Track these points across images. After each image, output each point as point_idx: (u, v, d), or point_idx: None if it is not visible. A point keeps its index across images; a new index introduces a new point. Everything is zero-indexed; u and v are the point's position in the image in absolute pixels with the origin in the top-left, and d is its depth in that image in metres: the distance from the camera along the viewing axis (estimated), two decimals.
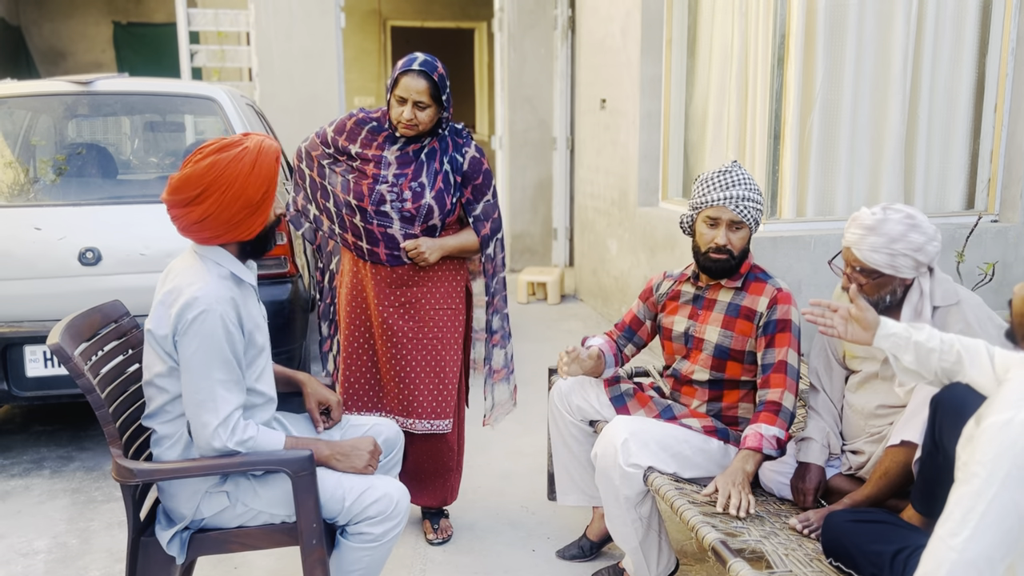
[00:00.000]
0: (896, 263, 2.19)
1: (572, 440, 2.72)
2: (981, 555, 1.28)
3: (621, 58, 5.56)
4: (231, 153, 1.96)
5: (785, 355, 2.41)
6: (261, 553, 2.84)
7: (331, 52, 6.90)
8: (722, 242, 2.44)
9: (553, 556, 2.87)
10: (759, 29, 4.00)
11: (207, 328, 1.92)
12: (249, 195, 1.98)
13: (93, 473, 3.54)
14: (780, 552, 2.02)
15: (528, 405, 4.26)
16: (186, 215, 1.98)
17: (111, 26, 10.09)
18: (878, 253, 2.18)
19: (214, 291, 1.95)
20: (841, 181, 4.05)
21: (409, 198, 2.67)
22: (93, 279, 3.38)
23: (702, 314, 2.55)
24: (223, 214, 1.97)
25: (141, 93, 3.97)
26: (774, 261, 3.80)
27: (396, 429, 2.46)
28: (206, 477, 2.03)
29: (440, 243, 2.73)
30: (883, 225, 2.19)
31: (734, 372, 2.52)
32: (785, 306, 2.44)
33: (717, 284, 2.54)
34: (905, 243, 2.17)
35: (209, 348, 1.92)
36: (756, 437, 2.31)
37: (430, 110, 2.63)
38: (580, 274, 6.78)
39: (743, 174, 2.45)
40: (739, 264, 2.50)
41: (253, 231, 2.04)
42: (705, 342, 2.53)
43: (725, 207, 2.42)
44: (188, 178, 1.95)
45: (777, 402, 2.37)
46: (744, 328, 2.48)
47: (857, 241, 2.22)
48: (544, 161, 7.51)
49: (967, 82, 4.15)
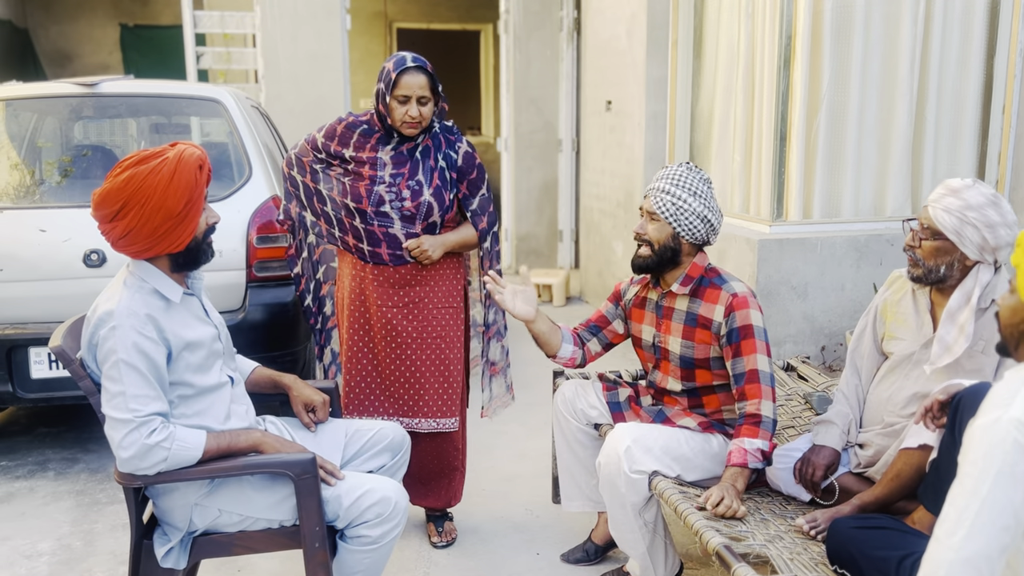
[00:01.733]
0: (963, 232, 2.15)
1: (577, 444, 2.71)
2: (979, 553, 1.28)
3: (627, 59, 5.55)
4: (149, 165, 1.94)
5: (755, 362, 2.36)
6: (264, 555, 2.84)
7: (337, 54, 6.90)
8: (638, 229, 2.46)
9: (558, 560, 2.86)
10: (765, 30, 3.99)
11: (116, 343, 1.89)
12: (169, 206, 1.95)
13: (97, 475, 3.54)
14: (785, 556, 2.00)
15: (532, 408, 4.25)
16: (111, 230, 1.97)
17: (118, 28, 10.11)
18: (950, 215, 2.15)
19: (126, 306, 1.92)
20: (848, 183, 4.03)
21: (408, 197, 2.68)
22: (98, 281, 3.37)
23: (663, 323, 2.53)
24: (145, 227, 1.95)
25: (146, 95, 3.97)
26: (780, 263, 3.79)
27: (401, 432, 2.45)
28: (195, 488, 2.02)
29: (442, 240, 2.74)
30: (966, 191, 2.16)
31: (705, 379, 2.49)
32: (743, 311, 2.37)
33: (671, 292, 2.50)
34: (979, 214, 2.13)
35: (117, 363, 1.89)
36: (740, 453, 2.28)
37: (431, 104, 2.67)
38: (586, 276, 6.76)
39: (679, 172, 2.41)
40: (659, 262, 2.44)
41: (181, 243, 2.01)
42: (670, 353, 2.51)
43: (648, 197, 2.44)
44: (108, 193, 1.94)
45: (756, 413, 2.32)
46: (704, 337, 2.44)
47: (936, 199, 2.20)
48: (550, 163, 7.49)
49: (975, 83, 4.13)
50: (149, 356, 1.91)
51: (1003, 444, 1.27)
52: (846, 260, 3.87)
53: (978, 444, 1.31)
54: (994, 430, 1.29)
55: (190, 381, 2.02)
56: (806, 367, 3.28)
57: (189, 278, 2.12)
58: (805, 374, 3.23)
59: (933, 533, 1.34)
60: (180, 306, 2.05)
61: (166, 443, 1.90)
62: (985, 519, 1.28)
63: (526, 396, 4.41)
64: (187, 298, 2.09)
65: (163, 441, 1.90)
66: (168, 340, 1.97)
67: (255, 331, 3.48)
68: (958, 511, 1.30)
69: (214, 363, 2.09)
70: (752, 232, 3.93)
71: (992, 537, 1.28)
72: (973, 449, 1.31)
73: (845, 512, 2.15)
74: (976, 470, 1.29)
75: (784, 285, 3.81)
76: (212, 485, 2.03)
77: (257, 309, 3.52)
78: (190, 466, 1.95)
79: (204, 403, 2.05)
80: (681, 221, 2.39)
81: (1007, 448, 1.27)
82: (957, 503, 1.31)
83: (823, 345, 3.96)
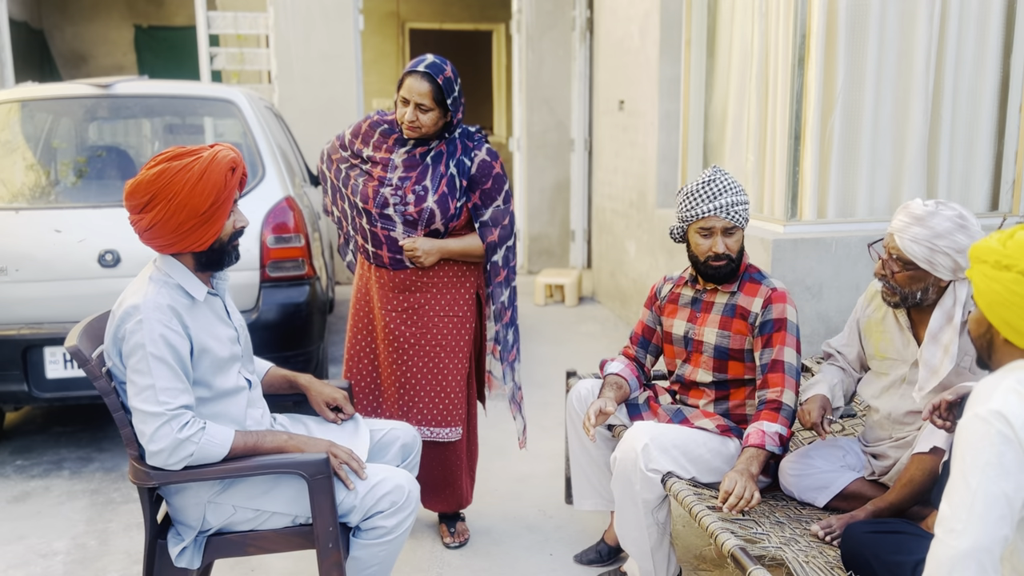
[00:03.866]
0: (934, 260, 2.13)
1: (590, 444, 2.70)
2: (978, 546, 1.31)
3: (640, 59, 5.53)
4: (182, 162, 1.96)
5: (782, 354, 2.40)
6: (278, 555, 2.84)
7: (349, 55, 6.92)
8: (720, 250, 2.44)
9: (571, 561, 2.85)
10: (779, 29, 3.96)
11: (143, 336, 1.89)
12: (195, 205, 1.96)
13: (112, 474, 3.56)
14: (800, 559, 1.99)
15: (545, 408, 4.24)
16: (137, 221, 1.99)
17: (132, 29, 10.17)
18: (919, 245, 2.13)
19: (152, 300, 1.93)
20: (863, 182, 4.00)
21: (412, 202, 2.65)
22: (112, 281, 3.39)
23: (700, 316, 2.55)
24: (170, 222, 1.96)
25: (161, 96, 3.99)
26: (795, 263, 3.76)
27: (413, 434, 2.45)
28: (208, 487, 2.02)
29: (440, 245, 2.70)
30: (931, 218, 2.12)
31: (737, 372, 2.51)
32: (780, 305, 2.43)
33: (717, 288, 2.54)
34: (949, 241, 2.11)
35: (145, 356, 1.89)
36: (759, 434, 2.29)
37: (432, 113, 2.61)
38: (598, 276, 6.75)
39: (727, 180, 2.44)
40: (739, 265, 2.51)
41: (204, 242, 2.01)
42: (704, 344, 2.53)
43: (717, 216, 2.41)
44: (138, 184, 1.96)
45: (777, 400, 2.36)
46: (740, 327, 2.47)
47: (901, 229, 2.17)
48: (562, 162, 7.49)
49: (991, 82, 4.09)
50: (176, 349, 1.92)
51: (987, 437, 1.33)
52: (861, 260, 3.84)
53: (964, 441, 1.36)
54: (977, 425, 1.35)
55: (208, 382, 2.02)
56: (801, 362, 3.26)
57: (214, 278, 2.13)
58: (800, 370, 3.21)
59: (935, 533, 1.37)
60: (203, 305, 2.06)
61: (196, 437, 1.91)
62: (980, 511, 1.32)
63: (539, 396, 4.41)
64: (211, 298, 2.10)
65: (193, 435, 1.90)
66: (191, 336, 1.98)
67: (268, 331, 3.49)
68: (954, 508, 1.34)
69: (232, 366, 2.10)
70: (766, 232, 3.91)
71: (989, 529, 1.31)
72: (960, 446, 1.37)
73: (859, 518, 2.14)
74: (965, 465, 1.34)
75: (798, 285, 3.79)
76: (226, 483, 2.03)
77: (270, 309, 3.53)
78: (214, 464, 1.96)
79: (220, 406, 2.05)
80: (747, 218, 2.48)
81: (992, 440, 1.32)
82: (952, 500, 1.35)
83: None
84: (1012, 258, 1.43)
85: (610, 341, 5.50)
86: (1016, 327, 1.42)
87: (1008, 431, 1.32)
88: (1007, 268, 1.43)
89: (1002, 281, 1.43)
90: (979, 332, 1.53)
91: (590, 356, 5.06)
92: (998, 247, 1.46)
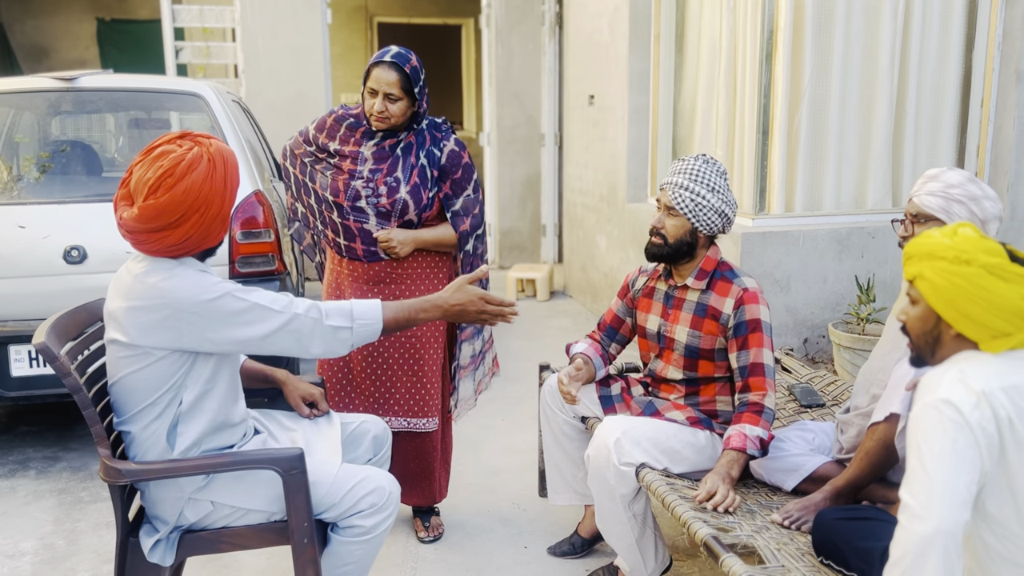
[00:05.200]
0: (950, 209, 2.22)
1: (564, 437, 2.71)
2: (940, 530, 1.34)
3: (609, 53, 5.56)
4: (199, 171, 1.88)
5: (761, 356, 2.40)
6: (251, 552, 2.82)
7: (317, 49, 6.87)
8: (656, 223, 2.47)
9: (545, 553, 2.86)
10: (747, 24, 4.00)
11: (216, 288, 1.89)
12: (226, 210, 1.95)
13: (80, 473, 3.51)
14: (772, 547, 2.02)
15: (519, 402, 4.26)
16: (161, 239, 1.90)
17: (95, 23, 10.00)
18: (934, 197, 2.24)
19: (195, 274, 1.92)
20: (829, 176, 4.06)
21: (384, 193, 2.66)
22: (78, 278, 3.34)
23: (672, 313, 2.56)
24: (201, 232, 1.92)
25: (126, 89, 3.94)
26: (763, 256, 3.81)
27: (383, 427, 2.44)
28: (190, 481, 2.00)
29: (414, 236, 2.71)
30: (943, 174, 2.27)
31: (707, 370, 2.52)
32: (753, 305, 2.41)
33: (686, 286, 2.53)
34: (961, 190, 2.23)
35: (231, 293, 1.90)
36: (740, 437, 2.30)
37: (401, 103, 2.62)
38: (569, 270, 6.77)
39: (695, 166, 2.44)
40: (673, 254, 2.47)
41: (221, 237, 2.01)
42: (676, 342, 2.53)
43: (665, 190, 2.46)
44: (167, 206, 1.86)
45: (760, 403, 2.36)
46: (711, 328, 2.47)
47: (917, 188, 2.30)
48: (532, 157, 7.49)
49: (954, 77, 4.16)
50: None
51: (940, 424, 1.37)
52: (828, 253, 3.90)
53: (918, 430, 1.41)
54: (929, 413, 1.39)
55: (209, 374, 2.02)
56: (790, 359, 3.31)
57: None
58: (789, 366, 3.26)
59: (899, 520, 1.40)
60: None
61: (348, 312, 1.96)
62: (940, 497, 1.35)
63: (511, 390, 4.42)
64: None
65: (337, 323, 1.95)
66: None
67: None
68: (914, 495, 1.38)
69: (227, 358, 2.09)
70: (735, 225, 3.95)
71: (951, 514, 1.35)
72: (915, 435, 1.41)
73: (818, 501, 2.17)
74: (922, 453, 1.38)
75: (767, 278, 3.83)
76: (208, 478, 2.02)
77: None
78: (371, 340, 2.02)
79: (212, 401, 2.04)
80: (699, 216, 2.43)
81: (945, 427, 1.37)
82: (912, 488, 1.39)
83: (806, 337, 3.99)
84: (969, 252, 1.46)
85: (582, 335, 5.52)
86: (976, 319, 1.45)
87: (958, 417, 1.37)
88: (967, 263, 1.46)
89: (965, 276, 1.46)
90: (924, 329, 1.54)
91: (562, 350, 5.08)
92: (949, 243, 1.49)
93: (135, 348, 1.91)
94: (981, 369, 1.42)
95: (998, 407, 1.38)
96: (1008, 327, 1.44)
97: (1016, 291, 1.44)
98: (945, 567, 1.34)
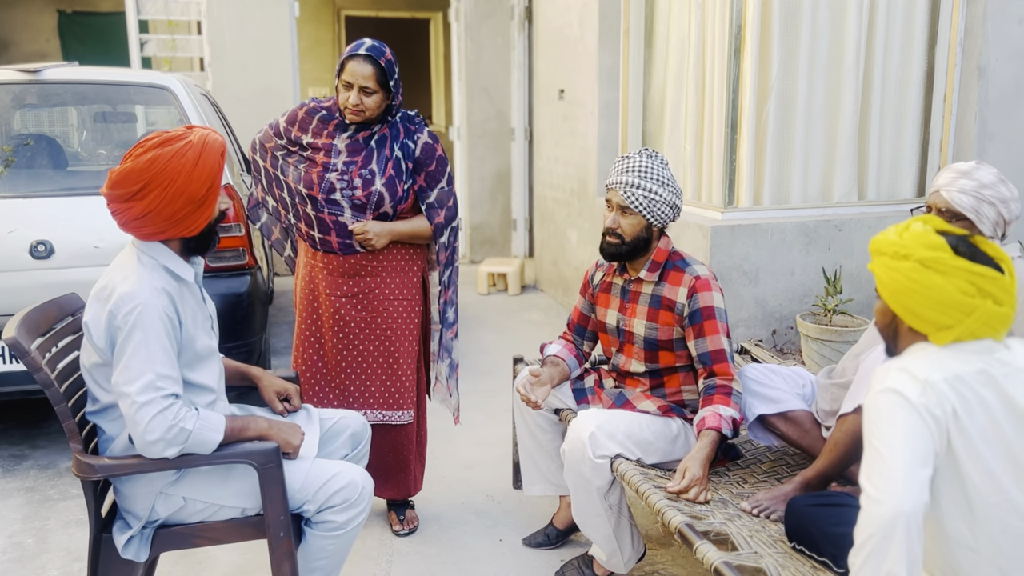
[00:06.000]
0: (981, 209, 2.26)
1: (538, 429, 2.73)
2: (901, 510, 1.38)
3: (579, 48, 5.57)
4: (174, 148, 1.92)
5: (720, 342, 2.44)
6: (225, 547, 2.81)
7: (285, 42, 6.81)
8: (610, 224, 2.47)
9: (520, 544, 2.88)
10: (715, 19, 4.04)
11: (143, 322, 1.86)
12: (192, 191, 1.93)
13: (48, 471, 3.46)
14: (744, 534, 2.05)
15: (491, 395, 4.27)
16: (127, 210, 1.93)
17: (56, 15, 9.82)
18: (967, 196, 2.27)
19: (148, 284, 1.90)
20: (796, 170, 4.11)
21: (359, 186, 2.65)
22: (45, 273, 3.29)
23: (629, 307, 2.58)
24: (165, 210, 1.92)
25: (92, 82, 3.88)
26: (732, 249, 3.85)
27: (363, 422, 2.45)
28: (161, 476, 1.99)
29: (389, 228, 2.71)
30: (976, 171, 2.29)
31: (668, 361, 2.55)
32: (706, 293, 2.44)
33: (639, 279, 2.55)
34: (994, 191, 2.26)
35: (145, 341, 1.86)
36: (715, 418, 2.33)
37: (377, 96, 2.62)
38: (540, 264, 6.79)
39: (641, 162, 2.45)
40: (631, 250, 2.49)
41: (197, 227, 1.99)
42: (635, 335, 2.56)
43: (616, 190, 2.46)
44: (129, 172, 1.90)
45: (728, 385, 2.40)
46: (667, 319, 2.50)
47: (948, 183, 2.30)
48: (503, 152, 7.50)
49: (917, 73, 4.24)
50: (171, 334, 1.90)
51: (889, 409, 1.43)
52: (796, 245, 3.95)
53: (870, 418, 1.46)
54: (878, 401, 1.45)
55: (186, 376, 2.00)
56: (759, 350, 3.36)
57: (191, 262, 2.10)
58: (758, 356, 3.31)
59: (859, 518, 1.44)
60: (187, 288, 2.04)
61: (189, 425, 1.88)
62: (897, 480, 1.39)
63: (484, 384, 4.43)
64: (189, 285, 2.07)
65: (187, 424, 1.88)
66: (181, 323, 1.96)
67: None
68: (872, 480, 1.42)
69: (209, 361, 2.08)
70: (704, 219, 3.99)
71: (908, 496, 1.39)
72: (868, 424, 1.47)
73: (787, 491, 2.21)
74: (876, 439, 1.43)
75: (736, 270, 3.88)
76: (180, 473, 2.01)
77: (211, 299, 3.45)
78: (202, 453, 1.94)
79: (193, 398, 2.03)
80: (653, 212, 2.44)
81: (893, 411, 1.43)
82: (871, 474, 1.43)
83: (774, 329, 4.04)
84: (908, 248, 1.51)
85: (553, 328, 5.55)
86: (917, 313, 1.50)
87: (905, 403, 1.42)
88: (904, 258, 1.51)
89: (901, 270, 1.51)
90: (884, 322, 1.61)
91: (534, 343, 5.10)
92: (895, 239, 1.54)
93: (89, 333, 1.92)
94: (925, 361, 1.47)
95: (942, 398, 1.43)
96: (947, 320, 1.48)
97: (953, 284, 1.47)
98: (907, 547, 1.38)
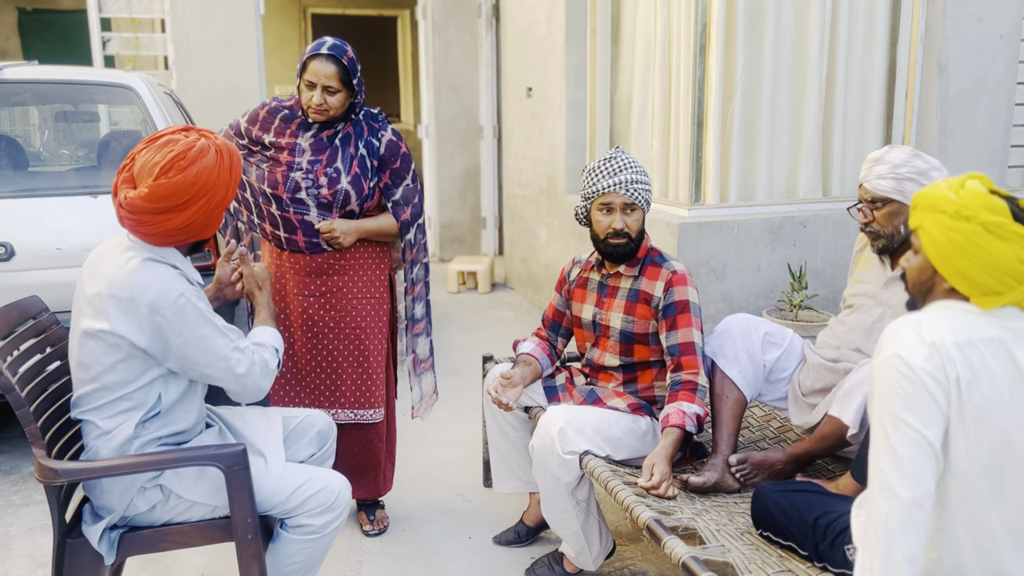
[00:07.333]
0: (903, 188, 2.31)
1: (508, 426, 2.74)
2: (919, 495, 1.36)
3: (546, 46, 5.59)
4: (208, 158, 1.95)
5: (690, 336, 2.47)
6: (193, 552, 2.79)
7: (250, 40, 6.74)
8: (619, 226, 2.50)
9: (490, 543, 2.89)
10: (681, 18, 4.07)
11: (192, 303, 1.92)
12: (227, 197, 2.00)
13: (10, 477, 3.41)
14: (712, 528, 2.08)
15: (461, 394, 4.27)
16: (165, 222, 1.93)
17: (15, 13, 9.64)
18: (884, 180, 2.32)
19: (173, 276, 1.94)
20: (762, 167, 4.15)
21: (325, 184, 2.64)
22: (5, 275, 3.24)
23: (606, 301, 2.61)
24: (203, 219, 1.97)
25: (54, 81, 3.81)
26: (699, 246, 3.88)
27: (328, 420, 2.43)
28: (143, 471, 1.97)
29: (356, 226, 2.70)
30: (888, 154, 2.35)
31: (642, 355, 2.58)
32: (681, 287, 2.50)
33: (619, 273, 2.59)
34: (909, 168, 2.31)
35: (204, 318, 1.94)
36: (679, 415, 2.35)
37: (340, 95, 2.62)
38: (510, 262, 6.80)
39: (627, 158, 2.51)
40: (638, 246, 2.55)
41: (215, 229, 2.05)
42: (611, 329, 2.59)
43: (616, 192, 2.48)
44: (178, 187, 1.90)
45: (694, 381, 2.43)
46: (644, 312, 2.54)
47: (866, 174, 2.37)
48: (471, 150, 7.49)
49: (880, 70, 4.30)
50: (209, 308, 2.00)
51: (894, 380, 1.39)
52: (761, 242, 3.99)
53: (876, 387, 1.42)
54: (883, 370, 1.41)
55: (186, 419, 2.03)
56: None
57: None
58: None
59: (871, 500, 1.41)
60: None
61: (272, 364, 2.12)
62: (908, 468, 1.36)
63: (454, 382, 4.42)
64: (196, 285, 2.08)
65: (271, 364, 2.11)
66: None
67: None
68: (882, 473, 1.39)
69: None
70: (672, 216, 4.02)
71: (923, 480, 1.37)
72: (874, 391, 1.42)
73: (775, 458, 2.34)
74: (883, 418, 1.40)
75: (703, 267, 3.91)
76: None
77: None
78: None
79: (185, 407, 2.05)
80: (648, 202, 2.54)
81: (900, 384, 1.38)
82: (880, 465, 1.39)
83: None
84: (970, 209, 1.45)
85: (523, 326, 5.56)
86: (969, 276, 1.45)
87: (909, 372, 1.38)
88: (967, 219, 1.45)
89: (963, 232, 1.45)
90: (920, 279, 1.55)
91: (504, 342, 5.11)
92: (954, 197, 1.47)
93: (115, 336, 1.89)
94: (941, 321, 1.43)
95: (948, 362, 1.38)
96: (1000, 286, 1.43)
97: (1013, 251, 1.42)
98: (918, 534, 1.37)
